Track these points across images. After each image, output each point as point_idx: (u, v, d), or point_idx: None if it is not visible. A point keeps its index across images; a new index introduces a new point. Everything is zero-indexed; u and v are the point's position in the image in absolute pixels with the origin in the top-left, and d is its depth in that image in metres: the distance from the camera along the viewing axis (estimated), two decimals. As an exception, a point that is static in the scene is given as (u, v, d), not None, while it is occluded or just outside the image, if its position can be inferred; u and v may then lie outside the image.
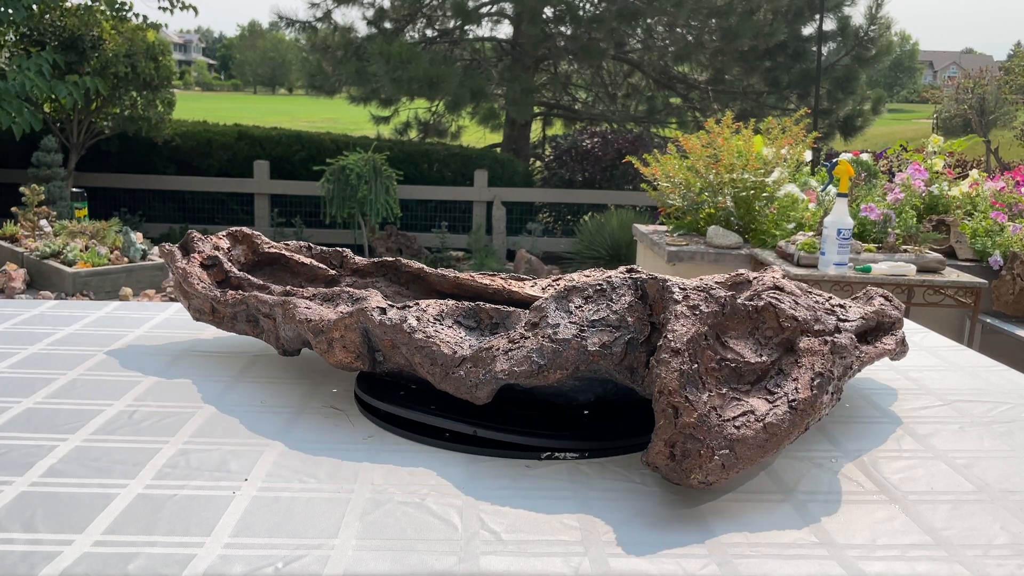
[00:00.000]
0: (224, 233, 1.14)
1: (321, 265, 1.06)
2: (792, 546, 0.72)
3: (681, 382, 0.77)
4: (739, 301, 0.87)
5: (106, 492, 0.77)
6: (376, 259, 1.18)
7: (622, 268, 0.95)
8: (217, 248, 1.11)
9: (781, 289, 0.98)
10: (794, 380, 0.81)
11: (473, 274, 1.15)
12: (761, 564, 0.69)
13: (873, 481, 0.86)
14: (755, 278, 1.01)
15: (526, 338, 0.89)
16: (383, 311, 0.97)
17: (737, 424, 0.76)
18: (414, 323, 0.95)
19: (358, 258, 1.15)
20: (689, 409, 0.75)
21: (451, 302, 1.01)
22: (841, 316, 0.94)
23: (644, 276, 0.90)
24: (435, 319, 0.97)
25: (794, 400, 0.78)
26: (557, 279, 1.12)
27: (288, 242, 1.12)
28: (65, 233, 5.78)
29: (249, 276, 1.12)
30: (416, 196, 9.37)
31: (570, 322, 0.88)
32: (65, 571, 0.64)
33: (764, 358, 0.84)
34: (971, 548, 0.73)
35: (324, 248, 1.10)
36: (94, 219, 6.37)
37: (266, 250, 1.09)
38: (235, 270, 1.10)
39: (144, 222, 9.13)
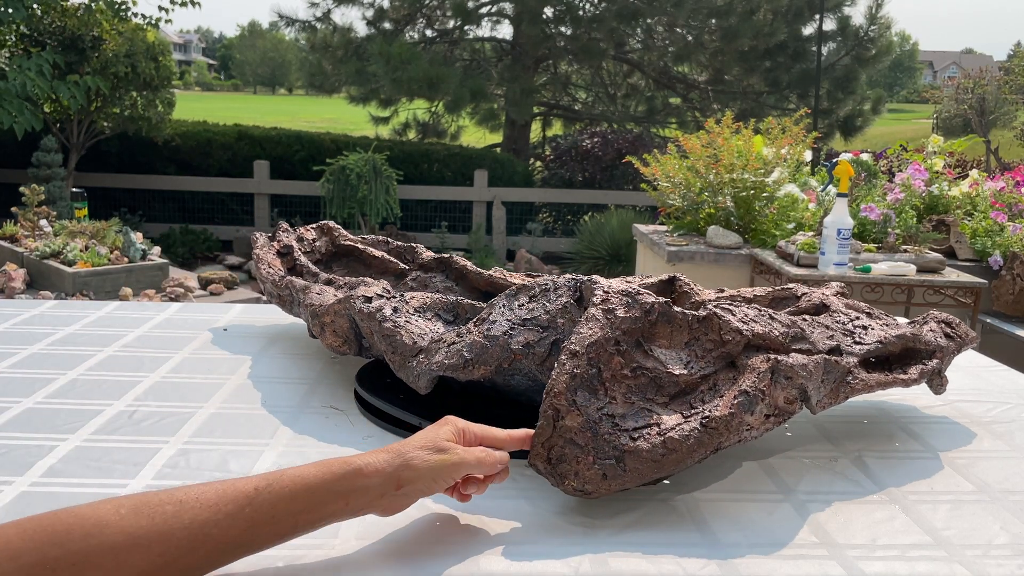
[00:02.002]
0: (314, 226, 1.18)
1: (392, 259, 1.09)
2: (792, 546, 0.72)
3: (571, 385, 0.74)
4: (677, 309, 0.81)
5: (106, 492, 0.77)
6: (437, 255, 1.20)
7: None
8: (301, 239, 1.13)
9: (826, 307, 0.96)
10: (721, 397, 0.77)
11: (506, 273, 1.16)
12: (761, 564, 0.69)
13: (873, 481, 0.86)
14: (804, 294, 0.98)
15: (470, 333, 0.90)
16: (367, 300, 0.98)
17: (635, 435, 0.73)
18: (387, 313, 0.97)
19: (425, 254, 1.15)
20: (573, 413, 0.73)
21: (437, 295, 1.02)
22: (857, 339, 0.90)
23: (584, 279, 0.88)
24: (415, 311, 0.99)
25: (708, 418, 0.73)
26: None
27: (366, 236, 1.15)
28: (65, 233, 5.78)
29: (310, 264, 1.13)
30: (416, 196, 9.38)
31: (505, 320, 0.89)
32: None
33: (694, 371, 0.79)
34: (971, 548, 0.73)
35: (400, 244, 1.12)
36: (94, 219, 6.36)
37: (342, 242, 1.11)
38: (303, 259, 1.12)
39: (144, 222, 9.14)
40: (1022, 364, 1.49)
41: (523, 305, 0.90)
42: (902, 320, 1.04)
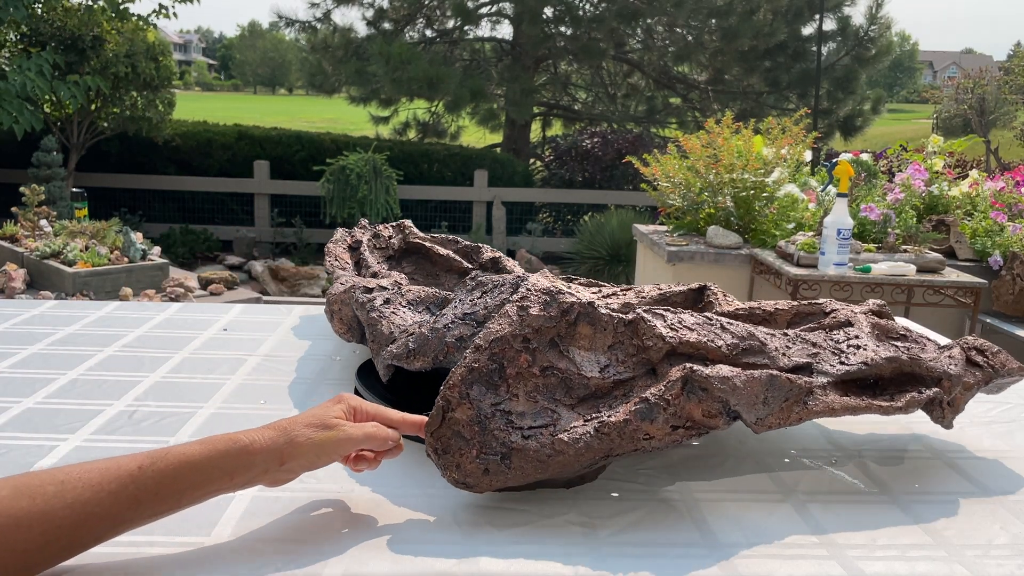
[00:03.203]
0: (392, 223, 1.21)
1: (457, 257, 1.10)
2: (792, 546, 0.72)
3: (467, 378, 0.74)
4: (603, 311, 0.80)
5: (106, 492, 0.77)
6: (492, 256, 1.22)
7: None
8: (377, 235, 1.15)
9: (849, 324, 0.89)
10: (626, 403, 0.75)
11: (546, 274, 1.17)
12: (761, 564, 0.69)
13: (873, 481, 0.86)
14: (833, 311, 0.92)
15: (426, 324, 0.91)
16: (367, 291, 0.99)
17: (528, 434, 0.72)
18: (377, 303, 0.99)
19: (487, 254, 1.17)
20: (464, 406, 0.73)
21: (432, 289, 1.03)
22: (843, 359, 0.83)
23: (523, 275, 0.88)
24: (408, 303, 1.00)
25: (602, 423, 0.72)
26: (605, 290, 1.03)
27: (438, 235, 1.17)
28: (65, 233, 5.78)
29: (371, 259, 1.15)
30: (416, 196, 9.37)
31: (452, 314, 0.90)
32: (65, 571, 0.64)
33: (609, 375, 0.78)
34: (971, 548, 0.73)
35: (467, 243, 1.13)
36: (94, 219, 6.36)
37: (412, 240, 1.12)
38: (367, 253, 1.13)
39: (144, 222, 9.13)
40: (1022, 364, 1.49)
41: (473, 300, 0.90)
42: (942, 341, 0.96)
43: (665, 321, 0.79)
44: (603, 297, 0.97)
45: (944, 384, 0.84)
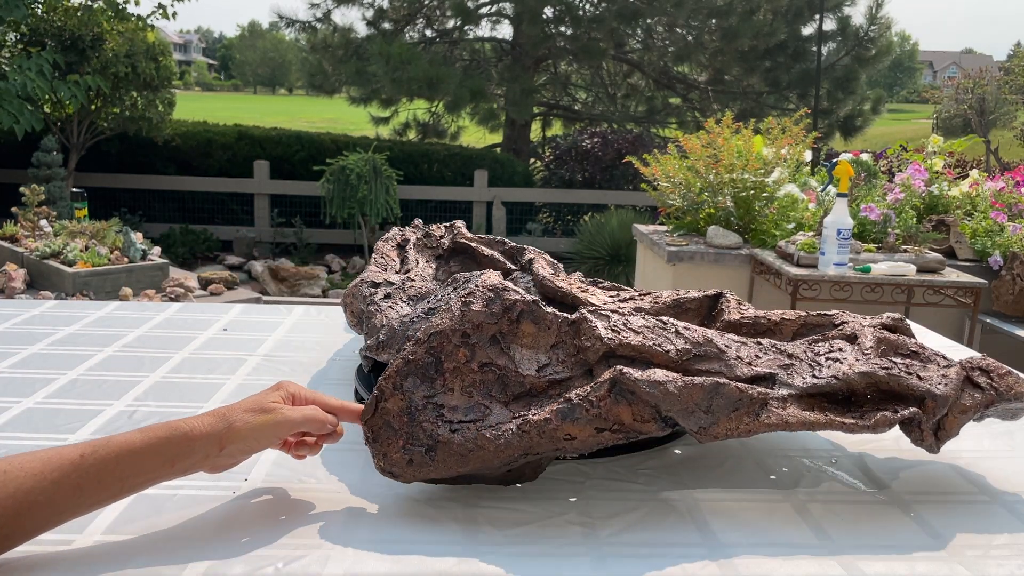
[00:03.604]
0: (445, 224, 1.23)
1: (502, 259, 1.10)
2: (792, 546, 0.72)
3: (402, 370, 0.76)
4: (548, 310, 0.79)
5: (106, 492, 0.77)
6: (530, 258, 1.21)
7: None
8: (429, 235, 1.17)
9: (853, 337, 0.85)
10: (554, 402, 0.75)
11: (571, 278, 1.17)
12: (761, 564, 0.69)
13: (873, 481, 0.86)
14: (843, 323, 0.88)
15: (407, 318, 0.93)
16: (374, 285, 1.00)
17: (456, 427, 0.73)
18: (377, 297, 1.01)
19: (529, 254, 1.17)
20: (396, 397, 0.74)
21: (435, 285, 1.04)
22: (816, 372, 0.79)
23: (476, 274, 0.89)
24: (409, 298, 1.01)
25: (524, 421, 0.73)
26: (623, 293, 1.00)
27: (485, 235, 1.18)
28: (65, 233, 5.78)
29: (416, 257, 1.15)
30: (416, 196, 9.37)
31: (420, 308, 0.92)
32: (65, 571, 0.64)
33: (546, 374, 0.77)
34: (971, 548, 0.73)
35: (513, 245, 1.14)
36: (94, 219, 6.36)
37: (459, 240, 1.13)
38: (411, 252, 1.14)
39: (144, 222, 9.13)
40: (1022, 364, 1.49)
41: (439, 296, 0.92)
42: (958, 356, 0.89)
43: (608, 322, 0.78)
44: (620, 301, 0.95)
45: (927, 405, 0.77)
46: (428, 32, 11.38)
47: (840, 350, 0.81)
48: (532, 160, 11.42)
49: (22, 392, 1.03)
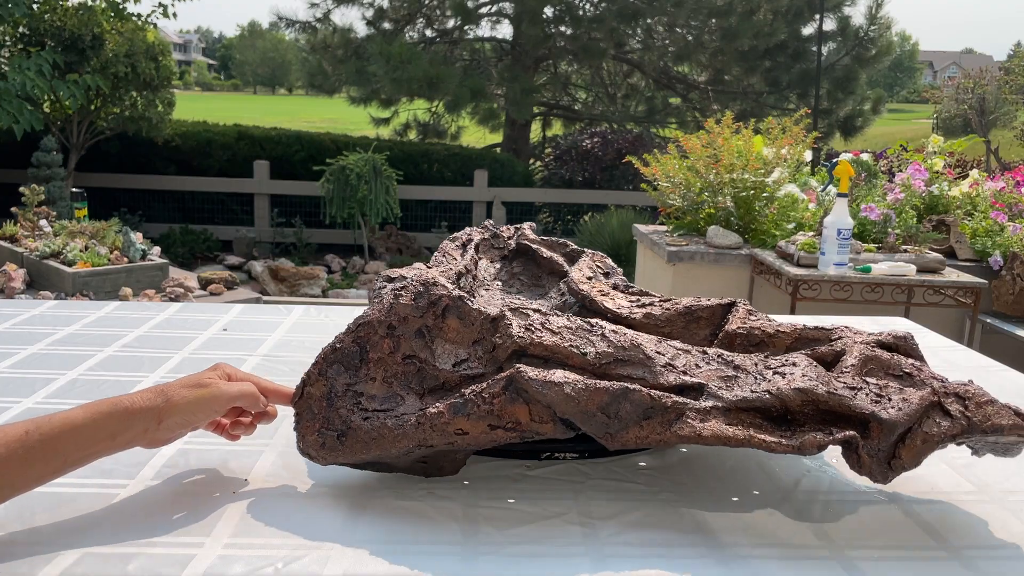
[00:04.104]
0: (515, 225, 1.23)
1: (560, 260, 1.11)
2: (792, 546, 0.72)
3: (329, 357, 0.78)
4: (473, 306, 0.80)
5: (106, 492, 0.77)
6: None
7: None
8: (497, 236, 1.18)
9: (840, 354, 0.80)
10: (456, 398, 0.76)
11: (599, 282, 1.17)
12: (761, 564, 0.69)
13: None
14: (838, 339, 0.83)
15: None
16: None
17: (367, 416, 0.76)
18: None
19: (584, 257, 1.17)
20: (320, 383, 0.77)
21: (495, 285, 1.06)
22: (754, 386, 0.75)
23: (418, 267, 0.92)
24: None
25: (422, 413, 0.74)
26: (643, 298, 0.98)
27: (548, 238, 1.17)
28: (65, 233, 5.78)
29: (475, 257, 1.15)
30: (416, 196, 9.37)
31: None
32: (65, 571, 0.64)
33: (460, 369, 0.78)
34: (971, 548, 0.73)
35: (575, 248, 1.14)
36: (94, 219, 6.36)
37: (521, 241, 1.14)
38: (470, 251, 1.14)
39: (144, 222, 9.13)
40: (1022, 364, 1.49)
41: (379, 288, 0.94)
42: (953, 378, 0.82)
43: (525, 321, 0.78)
44: (638, 306, 0.94)
45: (872, 429, 0.72)
46: (428, 32, 11.38)
47: (793, 364, 0.77)
48: (532, 160, 11.42)
49: (22, 392, 1.03)
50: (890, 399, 0.74)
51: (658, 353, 0.78)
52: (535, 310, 0.80)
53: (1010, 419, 0.73)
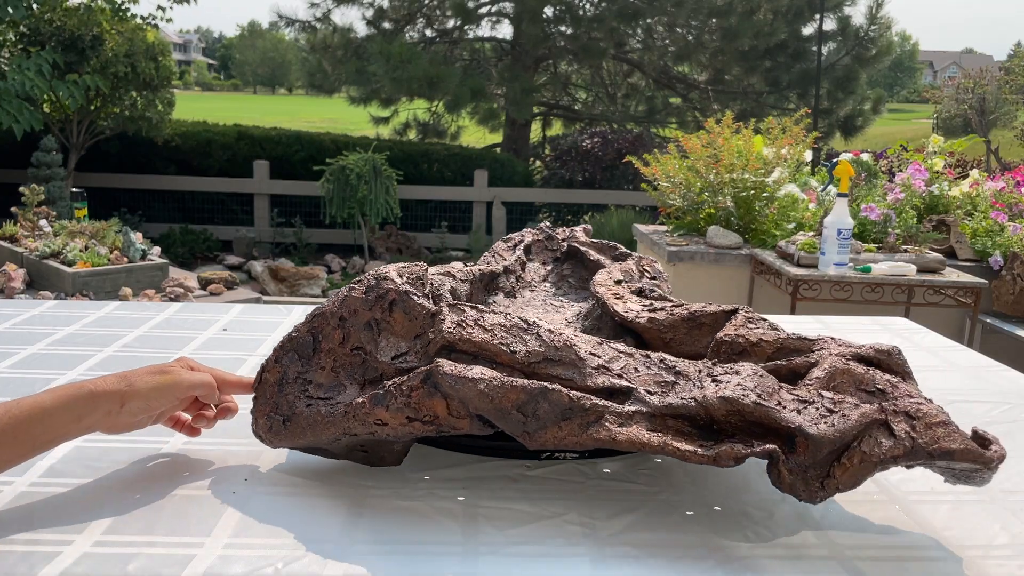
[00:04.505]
0: (572, 228, 1.23)
1: (607, 262, 1.12)
2: (792, 546, 0.72)
3: (285, 346, 0.82)
4: (418, 301, 0.81)
5: (106, 492, 0.77)
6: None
7: None
8: (551, 237, 1.19)
9: (812, 365, 0.78)
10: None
11: (618, 286, 1.17)
12: (761, 564, 0.69)
13: (873, 481, 0.86)
14: (820, 350, 0.80)
15: None
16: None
17: (311, 403, 0.78)
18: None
19: (629, 261, 1.18)
20: (275, 370, 0.81)
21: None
22: (684, 393, 0.73)
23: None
24: (505, 295, 1.07)
25: (349, 403, 0.76)
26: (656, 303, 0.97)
27: (599, 240, 1.17)
28: (65, 233, 5.78)
29: (521, 258, 1.16)
30: (416, 196, 9.37)
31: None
32: (65, 571, 0.64)
33: (397, 362, 0.79)
34: (971, 548, 0.73)
35: (624, 251, 1.15)
36: (94, 219, 6.36)
37: (572, 243, 1.15)
38: (519, 251, 1.16)
39: (144, 222, 9.13)
40: (1022, 364, 1.49)
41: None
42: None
43: (459, 316, 0.78)
44: (650, 311, 0.92)
45: (799, 444, 0.69)
46: (428, 32, 11.38)
47: (736, 372, 0.74)
48: (532, 160, 11.42)
49: (22, 392, 1.03)
50: (828, 414, 0.70)
51: (592, 355, 0.77)
52: (473, 306, 0.80)
53: (962, 443, 0.68)
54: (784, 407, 0.70)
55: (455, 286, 0.99)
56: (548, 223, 1.29)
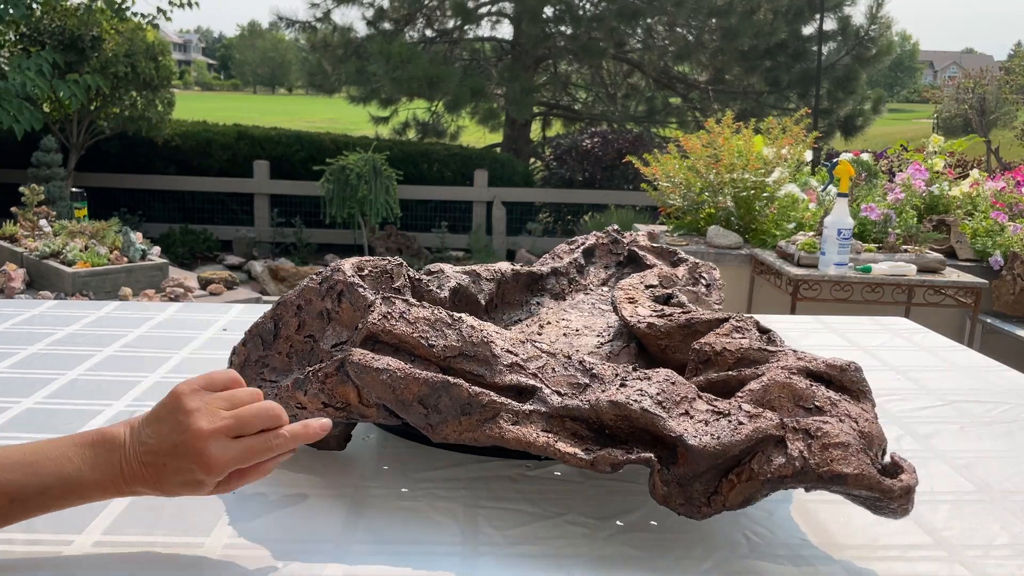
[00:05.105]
0: (640, 232, 1.23)
1: (664, 266, 1.12)
2: (793, 546, 0.72)
3: (252, 331, 0.87)
4: (361, 292, 0.83)
5: (106, 492, 0.77)
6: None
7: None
8: (617, 241, 1.20)
9: (757, 376, 0.76)
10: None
11: (636, 290, 1.18)
12: (761, 565, 0.69)
13: (873, 481, 0.86)
14: (772, 364, 0.78)
15: None
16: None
17: (260, 384, 0.83)
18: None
19: (682, 266, 1.18)
20: (240, 354, 0.87)
21: (599, 289, 1.11)
22: (584, 395, 0.72)
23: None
24: (553, 296, 1.11)
25: (280, 387, 0.80)
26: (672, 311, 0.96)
27: (659, 246, 1.17)
28: (65, 233, 5.78)
29: (578, 261, 1.17)
30: (416, 196, 9.37)
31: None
32: (65, 571, 0.64)
33: (338, 350, 0.82)
34: (971, 548, 0.73)
35: (681, 256, 1.16)
36: (94, 219, 6.36)
37: (632, 248, 1.16)
38: (577, 254, 1.16)
39: (144, 222, 9.12)
40: (1022, 364, 1.49)
41: None
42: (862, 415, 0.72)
43: (388, 308, 0.79)
44: (657, 316, 0.91)
45: (680, 454, 0.67)
46: (428, 32, 11.37)
47: (647, 378, 0.72)
48: (532, 160, 11.42)
49: (22, 392, 1.03)
50: (719, 426, 0.67)
51: (508, 352, 0.77)
52: (405, 300, 0.81)
53: (857, 469, 0.64)
54: (670, 416, 0.68)
55: (465, 284, 1.00)
56: (616, 226, 1.29)
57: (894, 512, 0.66)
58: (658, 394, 0.70)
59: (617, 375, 0.74)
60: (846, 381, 0.75)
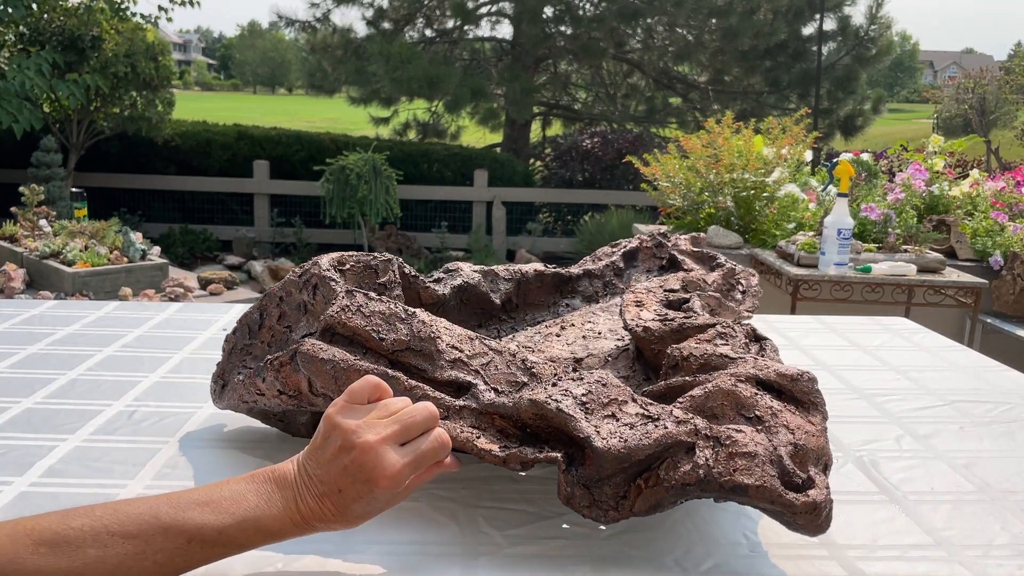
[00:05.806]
0: (683, 236, 1.22)
1: (701, 271, 1.11)
2: (792, 546, 0.72)
3: (242, 320, 0.90)
4: (333, 285, 0.84)
5: (105, 492, 0.77)
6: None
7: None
8: (660, 245, 1.20)
9: (703, 383, 0.74)
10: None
11: (647, 293, 1.17)
12: (761, 564, 0.69)
13: (873, 481, 0.86)
14: (735, 367, 0.76)
15: None
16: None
17: (241, 372, 0.86)
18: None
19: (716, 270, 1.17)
20: (230, 341, 0.90)
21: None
22: (518, 394, 0.72)
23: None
24: (585, 298, 1.12)
25: (245, 375, 0.84)
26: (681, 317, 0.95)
27: (698, 250, 1.17)
28: (65, 233, 5.78)
29: (611, 261, 1.17)
30: (416, 196, 9.37)
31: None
32: (65, 571, 0.64)
33: (302, 340, 0.84)
34: (971, 548, 0.73)
35: (720, 261, 1.15)
36: (94, 219, 6.36)
37: (672, 252, 1.17)
38: (615, 256, 1.18)
39: (144, 222, 9.13)
40: (1022, 364, 1.49)
41: None
42: (807, 423, 0.70)
43: (347, 301, 0.79)
44: (659, 320, 0.90)
45: (587, 455, 0.66)
46: (428, 32, 11.37)
47: (580, 379, 0.72)
48: (532, 160, 11.42)
49: (22, 392, 1.03)
50: (633, 429, 0.66)
51: (453, 348, 0.77)
52: (365, 293, 0.81)
53: (760, 481, 0.63)
54: (590, 417, 0.67)
55: (475, 282, 1.00)
56: (663, 230, 1.28)
57: (802, 528, 0.64)
58: (584, 395, 0.69)
59: (555, 374, 0.75)
60: (797, 391, 0.73)
